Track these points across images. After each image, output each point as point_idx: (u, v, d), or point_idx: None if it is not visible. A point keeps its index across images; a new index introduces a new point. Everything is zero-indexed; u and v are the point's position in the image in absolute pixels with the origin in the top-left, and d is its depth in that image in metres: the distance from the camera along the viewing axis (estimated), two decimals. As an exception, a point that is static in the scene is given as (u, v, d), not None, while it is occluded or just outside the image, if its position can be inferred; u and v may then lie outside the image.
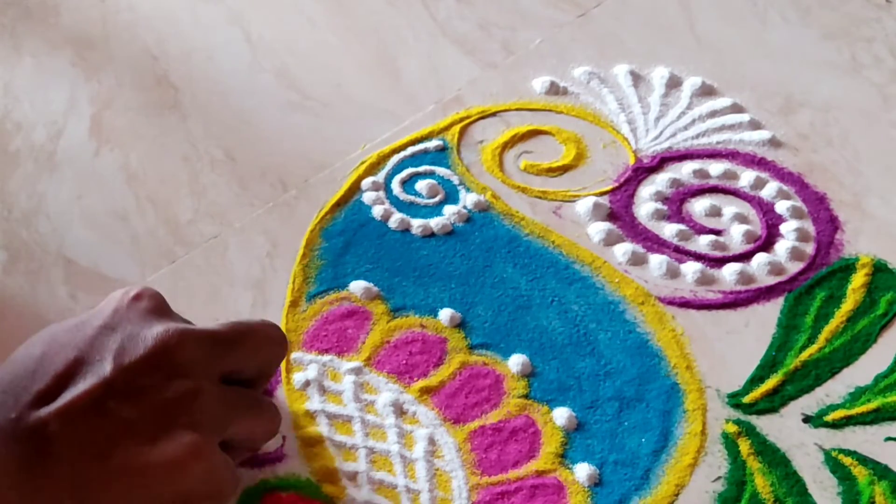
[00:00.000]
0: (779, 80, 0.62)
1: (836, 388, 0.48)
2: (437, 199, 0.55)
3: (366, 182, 0.56)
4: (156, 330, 0.39)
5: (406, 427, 0.46)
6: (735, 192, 0.56)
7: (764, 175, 0.57)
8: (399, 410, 0.46)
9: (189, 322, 0.41)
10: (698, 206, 0.55)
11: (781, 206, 0.55)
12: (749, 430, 0.46)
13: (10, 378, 0.37)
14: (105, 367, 0.37)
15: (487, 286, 0.51)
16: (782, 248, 0.53)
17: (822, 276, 0.52)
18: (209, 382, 0.39)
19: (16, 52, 0.63)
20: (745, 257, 0.53)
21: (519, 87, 0.61)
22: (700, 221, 0.55)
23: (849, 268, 0.52)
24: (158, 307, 0.41)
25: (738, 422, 0.46)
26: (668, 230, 0.54)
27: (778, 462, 0.45)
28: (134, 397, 0.37)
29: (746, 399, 0.47)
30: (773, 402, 0.47)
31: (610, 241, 0.53)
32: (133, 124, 0.59)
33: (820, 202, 0.55)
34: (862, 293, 0.51)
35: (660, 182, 0.56)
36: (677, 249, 0.53)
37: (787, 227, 0.54)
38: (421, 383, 0.47)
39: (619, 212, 0.55)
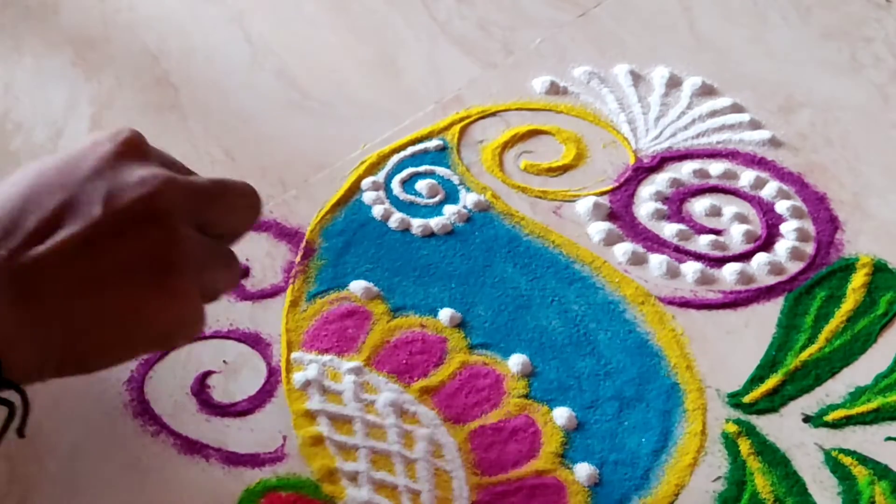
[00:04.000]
0: (779, 80, 0.62)
1: (836, 388, 0.48)
2: (437, 198, 0.55)
3: (366, 182, 0.56)
4: (143, 174, 0.40)
5: (406, 427, 0.46)
6: (735, 192, 0.56)
7: (764, 175, 0.57)
8: (399, 410, 0.46)
9: (170, 159, 0.43)
10: (698, 206, 0.55)
11: (781, 206, 0.55)
12: (749, 430, 0.46)
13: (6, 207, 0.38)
14: (94, 210, 0.38)
15: (487, 286, 0.51)
16: (782, 247, 0.53)
17: (822, 275, 0.52)
18: (191, 229, 0.40)
19: (16, 52, 0.63)
20: (745, 257, 0.53)
21: (519, 87, 0.61)
22: (700, 221, 0.55)
23: (849, 267, 0.52)
24: (142, 151, 0.42)
25: (738, 421, 0.46)
26: (668, 230, 0.54)
27: (778, 462, 0.45)
28: (122, 240, 0.38)
29: (746, 399, 0.47)
30: (773, 402, 0.47)
31: (610, 240, 0.53)
32: (133, 124, 0.59)
33: (820, 202, 0.55)
34: (862, 293, 0.51)
35: (660, 182, 0.56)
36: (677, 249, 0.53)
37: (787, 227, 0.54)
38: (421, 383, 0.47)
39: (619, 211, 0.55)
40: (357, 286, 0.51)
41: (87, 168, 0.40)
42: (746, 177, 0.56)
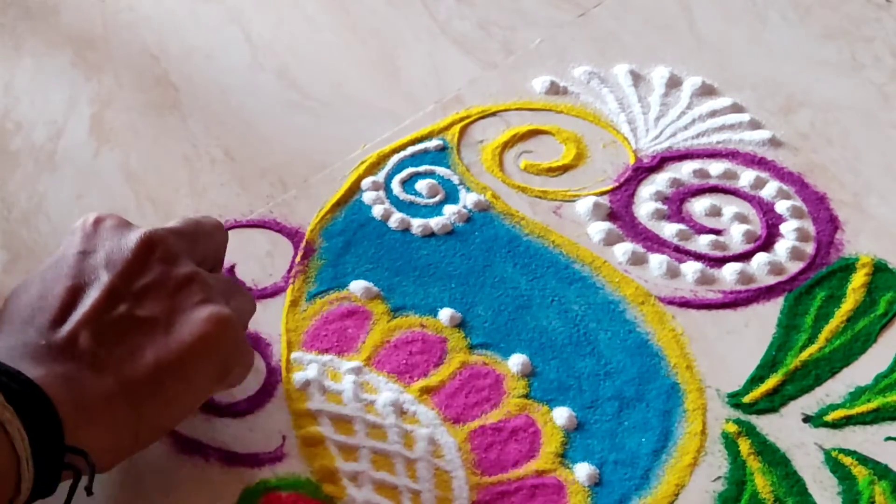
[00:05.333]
0: (779, 80, 0.62)
1: (836, 388, 0.48)
2: (437, 198, 0.55)
3: (366, 182, 0.56)
4: (133, 235, 0.41)
5: (406, 427, 0.46)
6: (735, 192, 0.56)
7: (764, 175, 0.57)
8: (399, 410, 0.46)
9: None
10: (698, 206, 0.55)
11: (781, 206, 0.55)
12: (749, 430, 0.46)
13: (19, 320, 0.39)
14: (102, 280, 0.39)
15: (487, 286, 0.51)
16: (782, 247, 0.53)
17: (822, 275, 0.52)
18: (196, 266, 0.42)
19: (16, 52, 0.63)
20: (745, 257, 0.53)
21: (519, 87, 0.61)
22: (700, 221, 0.55)
23: (849, 267, 0.52)
24: (122, 221, 0.43)
25: (738, 421, 0.46)
26: (668, 230, 0.54)
27: (778, 462, 0.45)
28: (141, 296, 0.39)
29: (746, 399, 0.47)
30: (773, 402, 0.47)
31: (610, 240, 0.53)
32: (133, 124, 0.59)
33: (820, 202, 0.55)
34: (862, 293, 0.51)
35: (660, 182, 0.56)
36: (677, 249, 0.53)
37: (787, 227, 0.54)
38: (421, 383, 0.47)
39: (619, 211, 0.55)
40: (357, 286, 0.51)
41: (75, 252, 0.41)
42: (746, 177, 0.56)
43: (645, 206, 0.55)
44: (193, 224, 0.45)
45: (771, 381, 0.48)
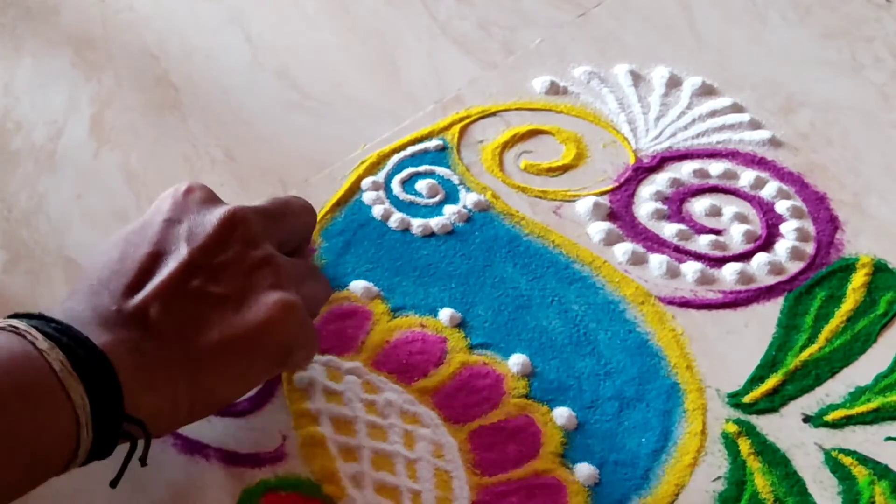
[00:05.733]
0: (779, 80, 0.62)
1: (836, 388, 0.48)
2: (437, 198, 0.55)
3: (366, 182, 0.56)
4: (218, 211, 0.42)
5: (406, 427, 0.46)
6: (735, 192, 0.56)
7: (764, 175, 0.57)
8: (399, 410, 0.46)
9: None
10: (698, 206, 0.55)
11: (781, 206, 0.55)
12: (749, 430, 0.46)
13: (97, 280, 0.40)
14: (181, 252, 0.40)
15: (487, 286, 0.51)
16: (782, 247, 0.53)
17: (822, 275, 0.52)
18: (275, 250, 0.42)
19: (16, 52, 0.63)
20: (745, 257, 0.53)
21: (519, 87, 0.61)
22: (700, 221, 0.55)
23: (849, 267, 0.52)
24: (211, 195, 0.43)
25: (738, 421, 0.46)
26: (668, 230, 0.54)
27: (778, 462, 0.45)
28: (216, 272, 0.40)
29: (746, 399, 0.47)
30: (773, 402, 0.47)
31: (610, 240, 0.53)
32: (133, 124, 0.60)
33: (820, 202, 0.55)
34: (862, 293, 0.51)
35: (660, 182, 0.56)
36: (677, 249, 0.53)
37: (787, 227, 0.54)
38: (421, 383, 0.47)
39: (619, 211, 0.55)
40: (357, 286, 0.51)
41: (161, 220, 0.42)
42: (746, 177, 0.56)
43: (645, 206, 0.55)
44: (281, 204, 0.45)
45: (771, 381, 0.48)
